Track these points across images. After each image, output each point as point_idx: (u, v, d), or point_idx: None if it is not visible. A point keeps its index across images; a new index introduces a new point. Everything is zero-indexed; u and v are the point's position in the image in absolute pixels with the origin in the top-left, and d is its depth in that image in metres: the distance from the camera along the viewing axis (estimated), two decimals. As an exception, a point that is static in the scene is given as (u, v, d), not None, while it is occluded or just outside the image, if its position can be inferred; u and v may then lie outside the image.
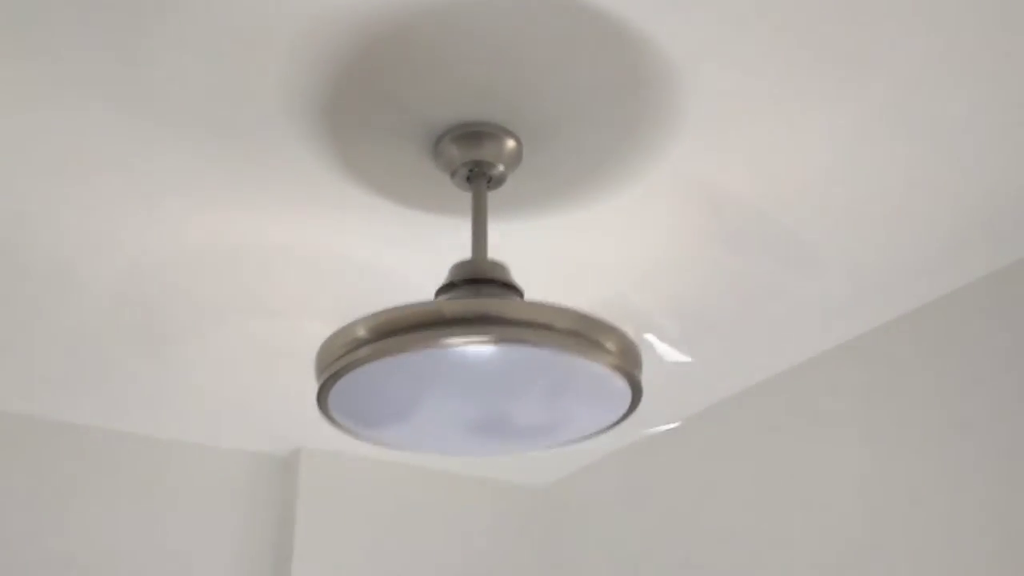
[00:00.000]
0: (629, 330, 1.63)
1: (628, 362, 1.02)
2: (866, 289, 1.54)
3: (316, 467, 2.09)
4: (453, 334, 0.94)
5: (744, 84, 1.11)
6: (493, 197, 1.29)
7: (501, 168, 1.17)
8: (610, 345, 1.00)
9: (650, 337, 1.61)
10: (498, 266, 1.10)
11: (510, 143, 1.16)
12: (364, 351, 0.96)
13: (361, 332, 0.97)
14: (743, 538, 1.79)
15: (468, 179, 1.17)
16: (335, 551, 2.04)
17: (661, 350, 1.66)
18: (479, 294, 1.07)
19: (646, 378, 1.81)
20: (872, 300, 1.57)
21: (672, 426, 1.87)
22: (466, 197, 1.28)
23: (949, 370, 1.52)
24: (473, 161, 1.15)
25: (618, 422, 1.12)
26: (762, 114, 1.16)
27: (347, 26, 1.01)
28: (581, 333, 0.98)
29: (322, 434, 2.02)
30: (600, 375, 1.02)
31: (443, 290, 1.09)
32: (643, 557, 2.00)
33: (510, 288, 1.09)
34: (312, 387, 1.81)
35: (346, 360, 0.97)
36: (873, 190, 1.30)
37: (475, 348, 0.96)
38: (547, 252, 1.42)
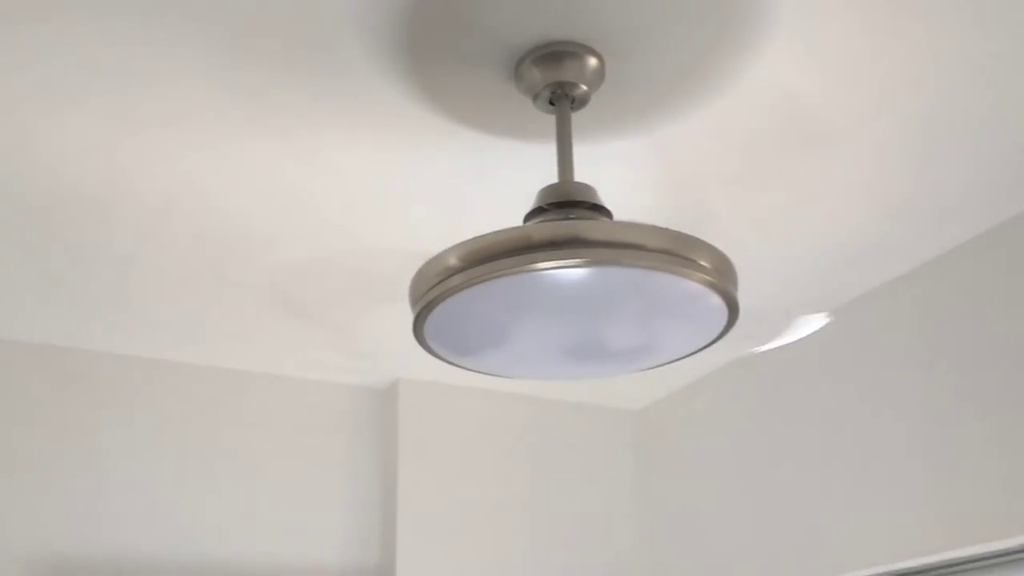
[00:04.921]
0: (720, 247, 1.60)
1: (723, 279, 1.00)
2: (949, 204, 1.47)
3: (415, 397, 2.13)
4: (544, 258, 0.94)
5: (836, -18, 1.05)
6: (577, 119, 1.27)
7: (584, 88, 1.14)
8: (704, 262, 0.98)
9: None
10: (586, 188, 1.09)
11: (592, 61, 1.13)
12: (456, 279, 0.97)
13: (453, 261, 0.97)
14: (838, 459, 1.77)
15: (551, 101, 1.15)
16: (437, 479, 2.09)
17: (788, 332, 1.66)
18: (568, 217, 1.06)
19: (742, 297, 1.78)
20: (954, 216, 1.50)
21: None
22: (550, 120, 1.26)
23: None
24: (555, 82, 1.13)
25: (715, 340, 1.10)
26: (849, 23, 1.10)
27: (421, -49, 0.99)
28: (673, 251, 0.97)
29: (419, 364, 2.05)
30: (695, 293, 1.00)
31: (532, 215, 1.09)
32: (740, 478, 2.00)
33: (599, 209, 1.08)
34: (407, 319, 1.84)
35: (439, 289, 0.98)
36: (959, 104, 1.23)
37: (566, 271, 0.96)
38: (635, 172, 1.40)
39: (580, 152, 1.34)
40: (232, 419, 2.03)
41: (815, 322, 1.82)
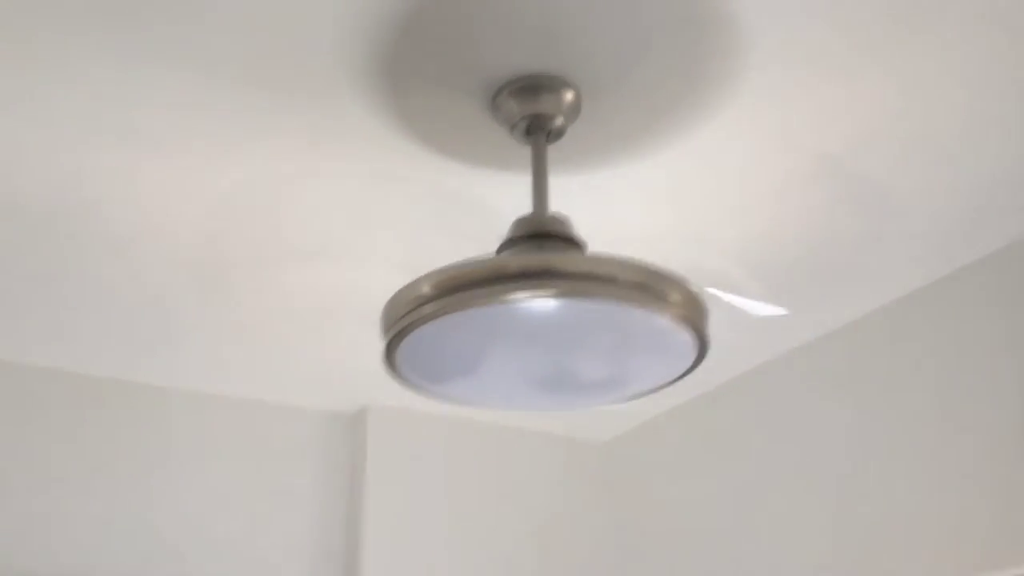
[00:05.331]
0: (696, 284, 1.60)
1: (694, 314, 1.01)
2: (940, 234, 1.49)
3: (384, 424, 2.12)
4: (517, 289, 0.94)
5: (809, 30, 1.07)
6: (553, 151, 1.27)
7: (560, 120, 1.15)
8: (675, 297, 0.99)
9: (727, 295, 1.59)
10: (560, 220, 1.10)
11: (569, 94, 1.14)
12: (429, 308, 0.97)
13: (426, 289, 0.97)
14: (809, 489, 1.77)
15: (527, 133, 1.16)
16: (405, 506, 2.08)
17: (743, 304, 1.63)
18: (541, 248, 1.06)
19: (711, 331, 1.78)
20: (946, 245, 1.52)
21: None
22: (525, 151, 1.27)
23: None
24: (532, 114, 1.14)
25: (684, 374, 1.11)
26: (827, 59, 1.12)
27: (402, -19, 1.00)
28: (646, 285, 0.97)
29: (388, 391, 2.04)
30: (665, 327, 1.01)
31: (505, 246, 1.09)
32: (706, 511, 2.00)
33: (572, 242, 1.08)
34: (377, 344, 1.83)
35: (411, 317, 0.98)
36: (945, 132, 1.25)
37: (539, 302, 0.96)
38: (609, 205, 1.41)
39: (556, 184, 1.35)
40: (196, 442, 2.01)
41: (769, 310, 1.77)
